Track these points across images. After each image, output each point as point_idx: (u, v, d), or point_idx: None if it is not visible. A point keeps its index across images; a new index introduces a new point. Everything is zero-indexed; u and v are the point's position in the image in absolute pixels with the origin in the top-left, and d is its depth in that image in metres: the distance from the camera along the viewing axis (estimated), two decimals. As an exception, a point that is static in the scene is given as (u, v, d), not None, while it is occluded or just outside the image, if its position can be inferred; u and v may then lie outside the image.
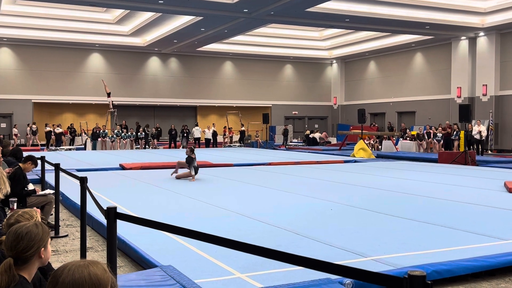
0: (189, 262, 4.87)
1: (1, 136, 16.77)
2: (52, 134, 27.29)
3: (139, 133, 28.11)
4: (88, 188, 4.76)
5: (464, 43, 26.58)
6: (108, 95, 28.41)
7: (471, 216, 7.44)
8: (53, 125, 27.99)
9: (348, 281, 4.18)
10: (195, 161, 12.44)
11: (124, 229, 5.54)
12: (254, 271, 4.59)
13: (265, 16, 22.29)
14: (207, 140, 29.37)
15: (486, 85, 25.51)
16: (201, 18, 22.74)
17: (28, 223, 2.31)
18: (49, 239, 2.32)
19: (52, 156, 18.91)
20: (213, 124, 30.95)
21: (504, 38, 25.15)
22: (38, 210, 6.73)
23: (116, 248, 3.39)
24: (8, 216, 2.79)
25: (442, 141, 23.35)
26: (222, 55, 33.53)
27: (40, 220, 2.62)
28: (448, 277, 4.59)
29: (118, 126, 28.18)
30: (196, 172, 12.36)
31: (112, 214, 3.17)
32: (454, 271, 4.61)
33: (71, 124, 29.26)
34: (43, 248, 2.25)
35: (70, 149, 26.15)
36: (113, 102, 28.49)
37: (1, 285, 2.13)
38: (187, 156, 12.45)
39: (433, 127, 24.13)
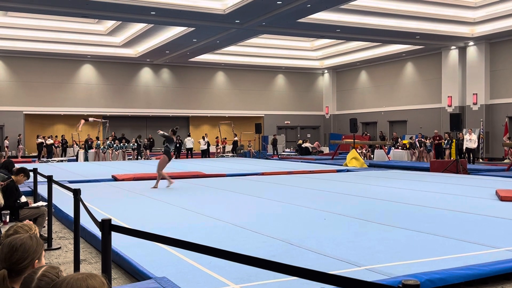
0: (183, 274, 4.86)
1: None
2: (44, 145, 27.17)
3: (131, 144, 28.06)
4: (82, 200, 4.75)
5: (454, 53, 26.85)
6: (86, 120, 28.37)
7: (463, 225, 7.48)
8: (43, 137, 27.88)
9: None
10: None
11: (117, 241, 5.52)
12: (248, 281, 4.59)
13: (257, 27, 22.41)
14: (203, 151, 29.43)
15: (476, 94, 25.74)
16: (193, 29, 22.83)
17: (23, 235, 2.31)
18: (43, 252, 2.32)
19: (44, 168, 18.82)
20: (205, 134, 30.95)
21: (493, 47, 25.43)
22: (31, 222, 6.71)
23: (111, 260, 3.39)
24: (8, 228, 2.79)
25: (432, 151, 23.47)
26: (214, 66, 33.62)
27: (38, 234, 2.62)
28: (441, 285, 4.61)
29: (110, 137, 28.13)
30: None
31: (106, 226, 3.17)
32: (447, 279, 4.63)
33: (62, 136, 29.14)
34: (37, 261, 2.25)
35: (61, 161, 26.02)
36: (94, 119, 28.63)
37: None
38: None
39: (429, 138, 24.21)
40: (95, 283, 1.71)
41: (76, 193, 4.89)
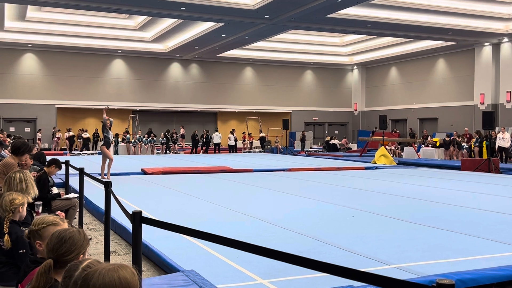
0: (211, 267, 4.89)
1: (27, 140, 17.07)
2: (77, 138, 27.84)
3: (160, 138, 28.44)
4: (113, 192, 4.82)
5: (487, 49, 26.24)
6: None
7: (495, 225, 7.32)
8: (69, 129, 28.69)
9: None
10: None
11: (146, 233, 5.58)
12: (276, 277, 4.59)
13: (286, 22, 22.32)
14: (231, 146, 29.55)
15: (510, 91, 25.14)
16: (222, 24, 22.87)
17: (72, 229, 2.40)
18: (88, 248, 2.39)
19: (75, 160, 19.17)
20: (233, 129, 31.05)
21: (528, 44, 24.78)
22: (63, 214, 6.84)
23: (141, 252, 3.43)
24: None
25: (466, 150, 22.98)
26: (242, 61, 33.65)
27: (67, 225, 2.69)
28: (472, 286, 4.52)
29: (139, 132, 28.52)
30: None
31: (137, 218, 3.21)
32: (478, 280, 4.54)
33: (96, 129, 29.66)
34: (82, 255, 2.33)
35: (92, 154, 26.48)
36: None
37: (38, 285, 2.19)
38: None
39: (461, 136, 23.75)
40: (126, 274, 1.72)
41: (108, 185, 4.96)
